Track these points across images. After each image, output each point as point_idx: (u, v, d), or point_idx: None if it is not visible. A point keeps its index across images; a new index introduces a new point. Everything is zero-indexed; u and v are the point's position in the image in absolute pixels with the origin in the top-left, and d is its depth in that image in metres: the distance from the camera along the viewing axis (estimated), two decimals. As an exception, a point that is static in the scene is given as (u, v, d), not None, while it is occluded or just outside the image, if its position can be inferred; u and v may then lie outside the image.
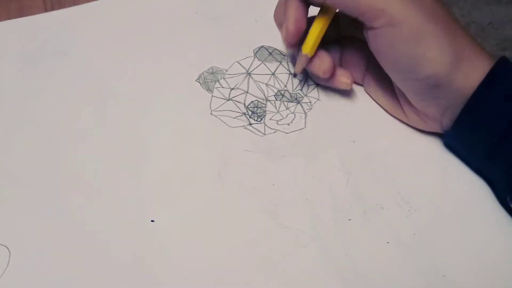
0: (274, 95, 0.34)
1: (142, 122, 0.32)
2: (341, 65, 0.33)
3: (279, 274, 0.26)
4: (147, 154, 0.31)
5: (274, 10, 0.33)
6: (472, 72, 0.27)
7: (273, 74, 0.35)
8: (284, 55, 0.36)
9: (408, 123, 0.32)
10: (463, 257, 0.27)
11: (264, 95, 0.34)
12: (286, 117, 0.33)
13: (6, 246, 0.27)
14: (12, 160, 0.30)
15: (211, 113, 0.33)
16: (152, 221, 0.28)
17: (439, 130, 0.30)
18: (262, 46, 0.36)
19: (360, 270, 0.27)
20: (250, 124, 0.32)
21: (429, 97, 0.28)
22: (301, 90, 0.34)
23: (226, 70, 0.35)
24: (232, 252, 0.27)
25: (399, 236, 0.28)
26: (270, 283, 0.26)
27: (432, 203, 0.29)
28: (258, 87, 0.34)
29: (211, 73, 0.35)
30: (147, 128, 0.32)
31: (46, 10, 0.39)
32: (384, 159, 0.31)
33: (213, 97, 0.34)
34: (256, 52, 0.36)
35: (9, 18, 0.38)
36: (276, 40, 0.37)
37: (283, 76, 0.35)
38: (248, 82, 0.34)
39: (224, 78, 0.35)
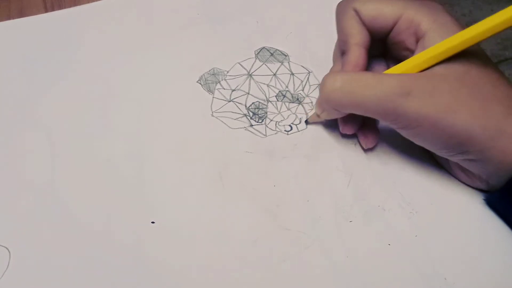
0: (276, 96, 0.34)
1: (143, 123, 0.32)
2: None
3: (279, 275, 0.26)
4: (148, 155, 0.31)
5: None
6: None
7: (274, 74, 0.35)
8: (286, 55, 0.36)
9: (451, 173, 0.30)
10: (464, 259, 0.27)
11: (265, 96, 0.34)
12: (287, 118, 0.33)
13: (6, 247, 0.27)
14: (12, 161, 0.30)
15: (212, 115, 0.33)
16: (153, 222, 0.28)
17: (485, 188, 0.29)
18: (263, 47, 0.36)
19: (361, 272, 0.26)
20: (251, 125, 0.32)
21: (469, 167, 0.27)
22: (303, 90, 0.34)
23: (227, 71, 0.35)
24: (232, 254, 0.27)
25: (401, 238, 0.28)
26: (270, 285, 0.26)
27: (434, 204, 0.29)
28: (259, 88, 0.34)
29: (212, 74, 0.35)
30: (148, 129, 0.32)
31: (46, 10, 0.39)
32: (386, 160, 0.31)
33: (214, 98, 0.33)
34: (258, 53, 0.36)
35: (9, 18, 0.38)
36: (277, 41, 0.37)
37: (284, 76, 0.35)
38: (249, 83, 0.34)
39: (225, 80, 0.34)
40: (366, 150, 0.31)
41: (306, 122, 0.32)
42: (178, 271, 0.26)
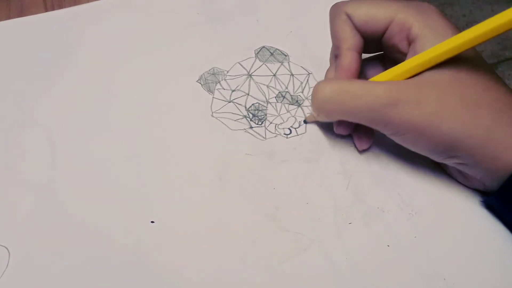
0: (275, 97, 0.34)
1: (143, 123, 0.32)
2: None
3: (279, 277, 0.26)
4: (148, 155, 0.31)
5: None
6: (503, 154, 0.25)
7: (274, 75, 0.35)
8: (286, 55, 0.36)
9: (449, 174, 0.30)
10: (464, 260, 0.27)
11: (265, 97, 0.34)
12: (286, 120, 0.33)
13: (5, 247, 0.27)
14: (12, 160, 0.30)
15: (212, 115, 0.33)
16: (152, 222, 0.28)
17: (482, 189, 0.29)
18: (263, 47, 0.36)
19: (360, 274, 0.26)
20: (251, 127, 0.32)
21: (463, 170, 0.27)
22: (302, 92, 0.34)
23: (227, 71, 0.35)
24: (232, 255, 0.27)
25: (400, 239, 0.28)
26: (270, 286, 0.26)
27: (433, 205, 0.29)
28: (259, 89, 0.34)
29: (212, 74, 0.35)
30: (148, 129, 0.32)
31: (46, 10, 0.39)
32: (385, 162, 0.31)
33: (214, 98, 0.33)
34: (258, 52, 0.36)
35: (9, 18, 0.38)
36: (277, 41, 0.37)
37: (284, 77, 0.35)
38: (249, 84, 0.34)
39: (225, 79, 0.34)
40: (362, 152, 0.31)
41: (305, 121, 0.32)
42: (177, 271, 0.26)
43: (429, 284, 0.26)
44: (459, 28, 0.27)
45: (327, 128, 0.32)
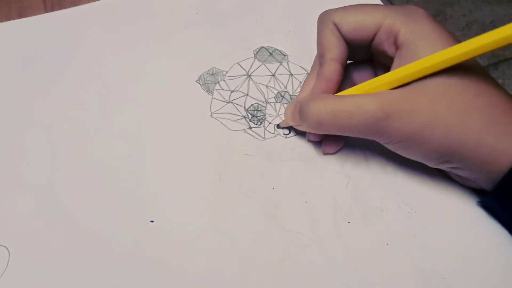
0: (274, 97, 0.34)
1: (143, 123, 0.32)
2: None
3: (278, 276, 0.26)
4: (147, 155, 0.31)
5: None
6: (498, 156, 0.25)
7: (273, 75, 0.35)
8: (285, 55, 0.36)
9: (444, 171, 0.30)
10: (463, 259, 0.27)
11: (264, 98, 0.34)
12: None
13: (5, 247, 0.27)
14: (12, 161, 0.30)
15: (211, 115, 0.33)
16: (152, 221, 0.28)
17: (479, 188, 0.29)
18: (262, 47, 0.36)
19: (360, 273, 0.27)
20: (250, 127, 0.32)
21: (457, 173, 0.28)
22: (302, 91, 0.34)
23: (227, 72, 0.35)
24: (231, 255, 0.27)
25: (399, 238, 0.28)
26: (269, 285, 0.26)
27: (432, 204, 0.29)
28: (258, 89, 0.34)
29: (211, 74, 0.35)
30: (147, 129, 0.32)
31: (46, 11, 0.39)
32: (384, 161, 0.31)
33: (213, 99, 0.34)
34: (257, 52, 0.36)
35: (9, 18, 0.38)
36: (276, 41, 0.37)
37: (283, 77, 0.35)
38: (248, 84, 0.34)
39: (224, 80, 0.35)
40: (324, 154, 0.31)
41: (278, 126, 0.32)
42: (177, 270, 0.26)
43: (428, 282, 0.26)
44: (452, 31, 0.27)
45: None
